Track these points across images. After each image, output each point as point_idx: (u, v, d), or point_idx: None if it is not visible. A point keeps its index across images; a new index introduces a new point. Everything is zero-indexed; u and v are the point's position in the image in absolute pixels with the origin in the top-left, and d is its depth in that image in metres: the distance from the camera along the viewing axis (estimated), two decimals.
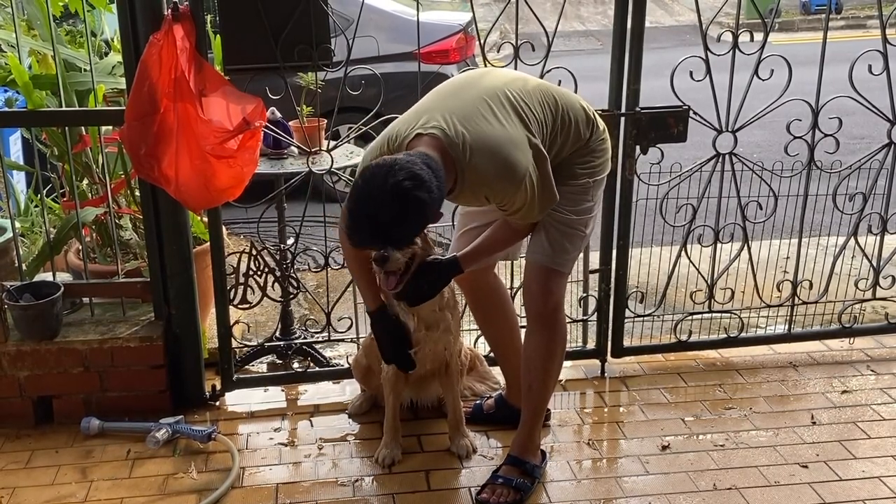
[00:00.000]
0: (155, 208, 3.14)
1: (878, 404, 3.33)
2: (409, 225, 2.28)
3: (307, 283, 4.11)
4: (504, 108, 2.47)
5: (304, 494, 2.86)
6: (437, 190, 2.24)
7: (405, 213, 2.22)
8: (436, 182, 2.23)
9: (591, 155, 2.67)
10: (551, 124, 2.56)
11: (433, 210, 2.28)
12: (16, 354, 3.18)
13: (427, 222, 2.36)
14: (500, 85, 2.54)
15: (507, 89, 2.52)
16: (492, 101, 2.47)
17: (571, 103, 2.64)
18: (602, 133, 2.71)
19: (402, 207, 2.20)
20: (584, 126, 2.64)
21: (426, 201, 2.21)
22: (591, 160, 2.67)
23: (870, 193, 3.60)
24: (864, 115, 3.49)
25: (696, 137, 3.45)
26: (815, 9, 14.62)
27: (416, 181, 2.18)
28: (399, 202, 2.19)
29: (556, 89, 2.68)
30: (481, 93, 2.51)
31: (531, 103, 2.53)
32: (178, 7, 2.85)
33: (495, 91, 2.51)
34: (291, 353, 3.62)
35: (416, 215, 2.24)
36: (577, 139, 2.63)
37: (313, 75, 3.30)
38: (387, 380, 3.01)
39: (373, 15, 5.81)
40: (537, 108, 2.53)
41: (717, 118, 3.36)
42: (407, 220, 2.24)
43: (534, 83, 2.63)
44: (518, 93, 2.52)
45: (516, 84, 2.57)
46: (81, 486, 2.90)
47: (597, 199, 2.75)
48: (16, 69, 3.29)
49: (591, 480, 2.92)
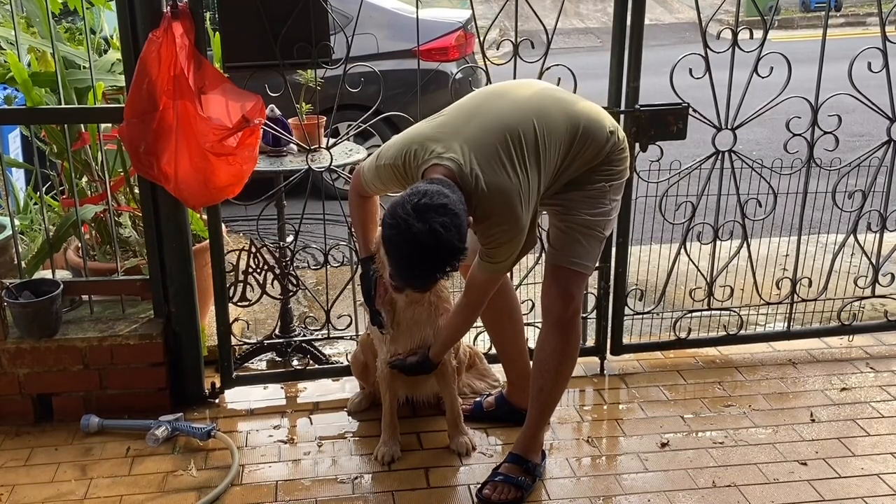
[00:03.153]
0: (154, 206, 3.14)
1: (877, 402, 3.34)
2: (455, 257, 2.32)
3: (306, 280, 4.11)
4: (522, 152, 2.44)
5: (304, 492, 2.86)
6: (465, 219, 2.33)
7: (451, 248, 2.28)
8: (463, 209, 2.32)
9: (610, 164, 2.66)
10: (566, 149, 2.54)
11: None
12: (15, 352, 3.18)
13: (466, 251, 2.35)
14: (524, 115, 2.50)
15: (534, 122, 2.48)
16: (511, 140, 2.44)
17: (592, 121, 2.60)
18: (622, 143, 2.68)
19: (447, 244, 2.26)
20: (604, 143, 2.61)
21: (464, 230, 2.31)
22: (608, 168, 2.66)
23: (869, 191, 3.61)
24: (863, 112, 3.50)
25: (696, 135, 3.46)
26: (815, 6, 14.64)
27: (451, 215, 2.25)
28: (440, 240, 2.25)
29: (577, 108, 2.61)
30: (503, 124, 2.47)
31: (551, 135, 2.50)
32: (178, 4, 2.85)
33: (517, 125, 2.47)
34: (291, 351, 3.63)
35: (458, 246, 2.30)
36: (595, 156, 2.61)
37: (312, 73, 3.30)
38: (382, 377, 3.01)
39: (372, 12, 5.80)
40: (559, 137, 2.51)
41: (717, 115, 3.37)
42: (454, 253, 2.30)
43: (558, 108, 2.57)
44: (539, 125, 2.48)
45: (539, 111, 2.52)
46: (81, 484, 2.90)
47: (614, 202, 2.73)
48: (15, 67, 3.29)
49: (590, 478, 2.92)
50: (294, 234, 3.46)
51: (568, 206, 2.66)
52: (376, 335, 3.02)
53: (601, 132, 2.60)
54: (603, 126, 2.62)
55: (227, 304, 3.33)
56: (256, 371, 3.62)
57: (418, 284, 2.49)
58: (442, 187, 2.31)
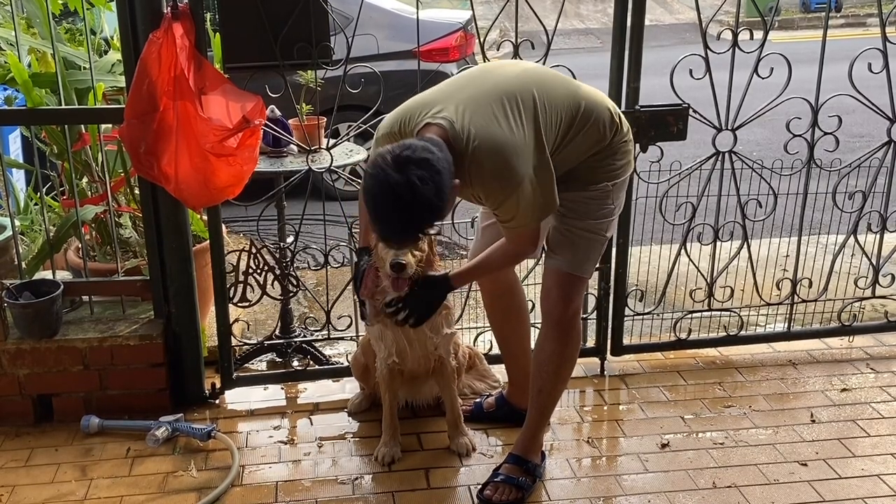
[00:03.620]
0: (154, 206, 3.14)
1: (878, 402, 3.33)
2: (431, 213, 2.28)
3: (307, 281, 4.12)
4: (519, 111, 2.41)
5: (304, 492, 2.86)
6: (448, 179, 2.25)
7: (426, 203, 2.22)
8: (447, 168, 2.25)
9: (613, 157, 2.60)
10: (568, 124, 2.50)
11: (449, 198, 2.30)
12: (15, 353, 3.18)
13: (444, 209, 2.31)
14: (522, 83, 2.47)
15: (533, 90, 2.45)
16: (508, 101, 2.41)
17: (595, 102, 2.57)
18: (626, 134, 2.64)
19: (421, 198, 2.20)
20: (607, 126, 2.57)
21: (444, 188, 2.23)
22: (611, 163, 2.61)
23: (869, 191, 3.61)
24: (863, 113, 3.50)
25: (696, 135, 3.45)
26: (815, 7, 14.64)
27: (431, 170, 2.20)
28: (416, 192, 2.19)
29: (580, 88, 2.60)
30: (501, 89, 2.44)
31: (551, 105, 2.46)
32: (178, 5, 2.85)
33: (515, 90, 2.44)
34: (291, 352, 3.63)
35: (436, 203, 2.24)
36: (598, 140, 2.56)
37: (313, 73, 3.30)
38: (382, 379, 3.01)
39: (372, 13, 5.80)
40: (558, 108, 2.48)
41: (717, 116, 3.37)
42: (430, 209, 2.24)
43: (557, 83, 2.56)
44: (539, 93, 2.45)
45: (539, 82, 2.50)
46: (81, 485, 2.90)
47: (617, 202, 2.69)
48: (15, 67, 3.29)
49: (590, 478, 2.92)
50: (294, 235, 3.46)
51: (570, 207, 2.61)
52: (373, 335, 3.02)
53: (604, 113, 2.56)
54: (605, 108, 2.58)
55: (227, 305, 3.33)
56: (257, 372, 3.62)
57: (394, 238, 2.42)
58: (429, 144, 2.25)
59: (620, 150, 2.62)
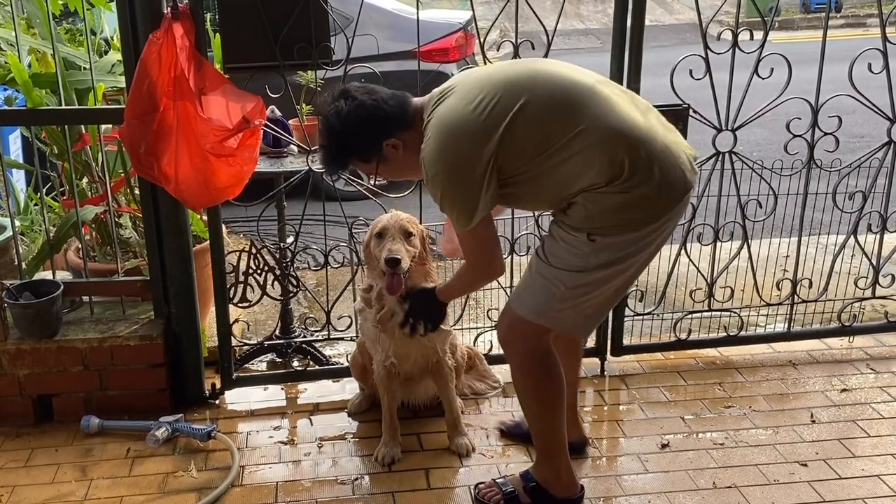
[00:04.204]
0: (154, 207, 3.14)
1: (878, 403, 3.33)
2: (335, 139, 2.39)
3: (307, 281, 4.12)
4: (493, 103, 2.22)
5: (304, 493, 2.86)
6: (370, 122, 2.34)
7: (330, 127, 2.38)
8: (380, 115, 2.33)
9: (606, 210, 2.23)
10: (549, 140, 2.23)
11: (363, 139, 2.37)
12: (15, 353, 3.18)
13: (347, 140, 2.38)
14: (518, 83, 2.28)
15: (525, 95, 2.24)
16: (490, 92, 2.25)
17: (608, 135, 2.19)
18: (642, 189, 2.20)
19: (326, 121, 2.39)
20: (604, 167, 2.19)
21: (354, 122, 2.33)
22: (600, 217, 2.24)
23: (869, 192, 3.61)
24: (863, 113, 3.50)
25: (696, 136, 3.45)
26: (815, 7, 14.64)
27: (354, 104, 2.34)
28: (327, 117, 2.38)
29: (605, 112, 2.23)
30: (495, 80, 2.29)
31: (538, 114, 2.23)
32: (178, 6, 2.85)
33: (504, 85, 2.26)
34: (291, 352, 3.63)
35: (337, 128, 2.36)
36: (585, 175, 2.21)
37: (313, 74, 3.30)
38: (379, 380, 3.02)
39: (372, 13, 5.80)
40: (547, 120, 2.23)
41: (717, 116, 3.37)
42: (334, 133, 2.37)
43: (571, 96, 2.25)
44: (530, 98, 2.23)
45: (541, 88, 2.26)
46: (81, 485, 2.90)
47: (594, 264, 2.30)
48: (15, 67, 3.29)
49: (590, 479, 2.91)
50: (294, 235, 3.46)
51: (546, 237, 2.45)
52: (369, 338, 3.02)
53: (610, 153, 2.18)
54: (622, 149, 2.19)
55: (227, 305, 3.33)
56: (257, 372, 3.62)
57: (322, 165, 2.52)
58: (379, 92, 2.36)
59: (621, 204, 2.23)
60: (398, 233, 2.83)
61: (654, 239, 2.33)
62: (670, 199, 2.27)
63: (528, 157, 2.25)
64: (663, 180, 2.23)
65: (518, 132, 2.23)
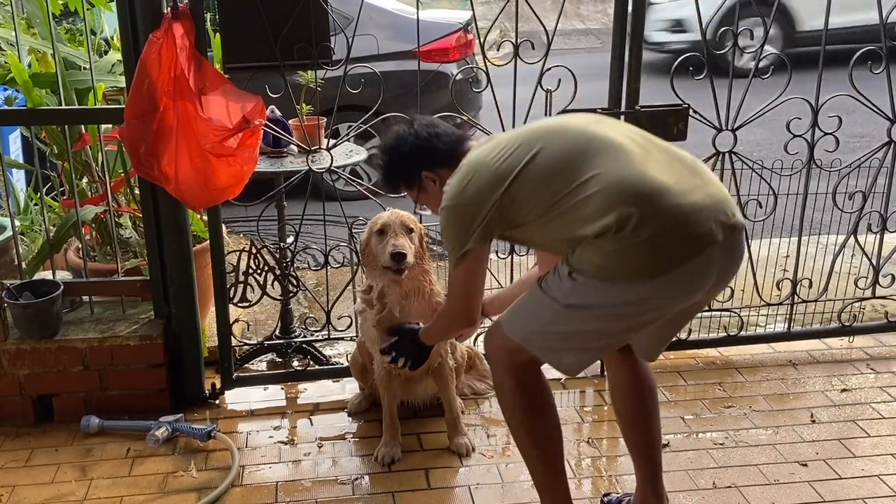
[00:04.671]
0: (154, 207, 3.14)
1: (878, 403, 3.33)
2: (385, 161, 2.59)
3: (307, 281, 4.12)
4: (514, 149, 2.26)
5: (304, 493, 2.86)
6: (416, 153, 2.50)
7: (383, 148, 2.60)
8: (428, 148, 2.49)
9: (589, 249, 2.15)
10: (556, 190, 2.20)
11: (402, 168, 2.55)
12: (15, 353, 3.18)
13: (391, 165, 2.57)
14: (539, 134, 2.29)
15: (540, 144, 2.23)
16: (520, 140, 2.28)
17: (617, 191, 2.12)
18: (635, 244, 2.08)
19: (383, 144, 2.61)
20: (606, 218, 2.10)
21: (405, 152, 2.52)
22: (583, 254, 2.16)
23: (869, 192, 3.61)
24: (863, 113, 3.50)
25: (696, 136, 3.45)
26: None
27: (412, 135, 2.52)
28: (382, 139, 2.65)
29: (619, 166, 2.15)
30: (531, 130, 2.32)
31: (552, 165, 2.21)
32: (178, 5, 2.85)
33: (528, 136, 2.29)
34: (291, 352, 3.63)
35: (386, 155, 2.57)
36: (584, 225, 2.14)
37: (313, 74, 3.30)
38: (380, 380, 3.02)
39: (372, 13, 5.80)
40: (555, 170, 2.21)
41: (717, 116, 3.36)
42: (385, 153, 2.58)
43: (595, 150, 2.20)
44: (544, 147, 2.22)
45: (568, 137, 2.24)
46: (81, 485, 2.90)
47: (566, 302, 2.20)
48: (15, 67, 3.29)
49: (590, 479, 2.92)
50: (294, 235, 3.46)
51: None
52: (370, 338, 3.02)
53: (606, 205, 2.11)
54: (623, 204, 2.09)
55: (227, 305, 3.33)
56: (257, 372, 3.62)
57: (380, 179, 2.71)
58: (439, 128, 2.52)
59: (597, 252, 2.14)
60: (400, 228, 2.84)
61: (652, 299, 2.18)
62: (669, 260, 2.12)
63: (535, 203, 2.23)
64: (662, 240, 2.10)
65: (527, 179, 2.23)
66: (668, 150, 2.29)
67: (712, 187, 2.22)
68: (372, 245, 2.90)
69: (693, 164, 2.27)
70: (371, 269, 2.95)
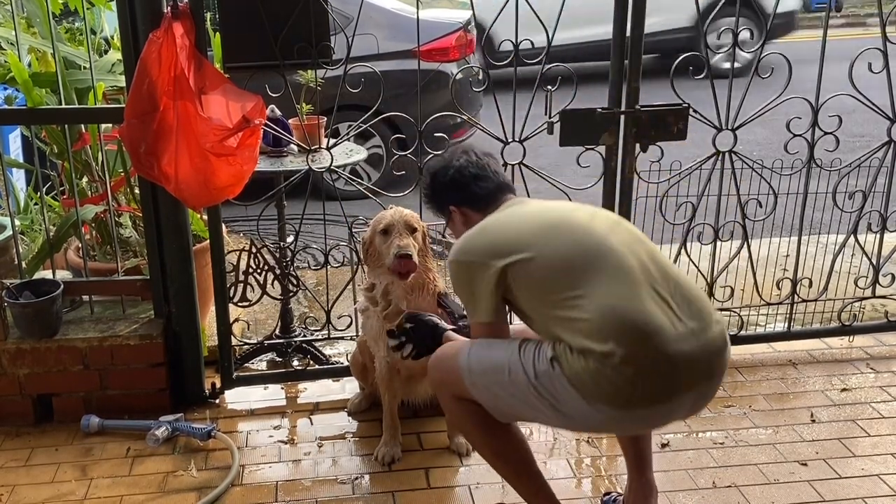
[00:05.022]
0: (155, 206, 3.14)
1: (878, 402, 3.33)
2: (425, 191, 2.69)
3: (307, 281, 4.11)
4: (517, 235, 2.27)
5: (304, 492, 2.86)
6: (437, 181, 2.60)
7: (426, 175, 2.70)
8: (470, 170, 2.54)
9: (572, 357, 2.12)
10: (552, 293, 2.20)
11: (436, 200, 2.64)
12: (15, 353, 3.18)
13: (431, 194, 2.65)
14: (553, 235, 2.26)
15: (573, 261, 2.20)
16: (529, 227, 2.31)
17: (600, 311, 2.11)
18: (605, 368, 2.07)
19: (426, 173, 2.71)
20: (583, 338, 2.10)
21: (443, 185, 2.59)
22: (565, 355, 2.14)
23: (869, 191, 3.61)
24: (864, 112, 3.49)
25: (696, 135, 3.45)
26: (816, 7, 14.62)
27: (452, 168, 2.57)
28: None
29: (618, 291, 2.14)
30: (538, 223, 2.31)
31: (546, 276, 2.22)
32: (178, 5, 2.85)
33: (532, 239, 2.26)
34: (291, 352, 3.63)
35: (426, 186, 2.67)
36: (567, 333, 2.15)
37: (313, 73, 3.30)
38: (381, 379, 3.02)
39: (372, 13, 5.80)
40: (546, 282, 2.22)
41: (717, 116, 3.36)
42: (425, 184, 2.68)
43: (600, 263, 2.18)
44: (544, 260, 2.22)
45: (563, 249, 2.23)
46: (81, 484, 2.90)
47: (542, 384, 2.18)
48: (15, 67, 3.29)
49: (590, 478, 2.92)
50: (294, 235, 3.46)
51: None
52: (371, 336, 3.02)
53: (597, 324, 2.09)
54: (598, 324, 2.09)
55: (227, 305, 3.33)
56: (257, 371, 3.62)
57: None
58: (489, 169, 2.55)
59: (579, 360, 2.12)
60: (404, 228, 2.84)
61: (619, 421, 2.19)
62: (648, 400, 2.12)
63: (530, 295, 2.25)
64: (644, 381, 2.09)
65: (519, 278, 2.24)
66: (667, 271, 2.25)
67: (705, 333, 2.17)
68: (376, 244, 2.90)
69: (688, 293, 2.23)
70: (373, 267, 2.95)
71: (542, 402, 2.21)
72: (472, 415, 2.37)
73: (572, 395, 2.14)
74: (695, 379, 2.15)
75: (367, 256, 2.97)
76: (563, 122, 3.22)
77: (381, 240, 2.87)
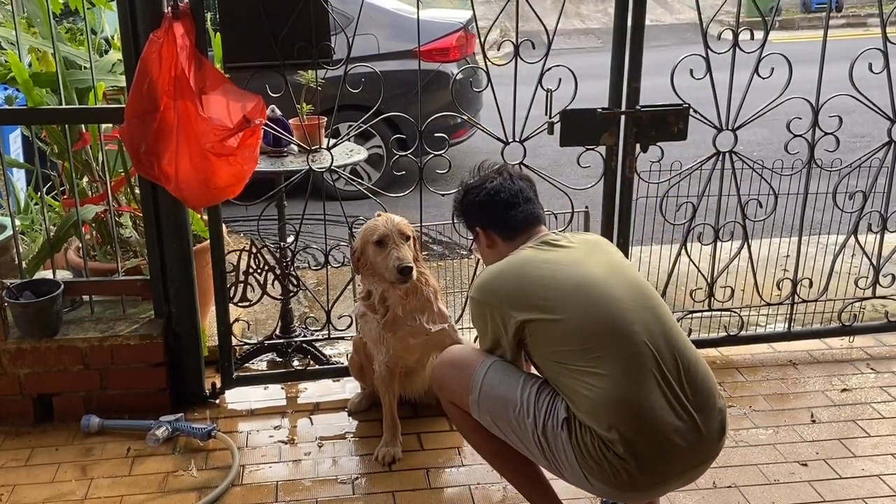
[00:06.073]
0: (155, 206, 3.14)
1: (878, 402, 3.33)
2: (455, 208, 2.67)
3: (307, 281, 4.12)
4: (545, 291, 2.26)
5: (304, 492, 2.86)
6: (468, 199, 2.56)
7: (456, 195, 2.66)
8: (504, 196, 2.49)
9: (581, 430, 2.18)
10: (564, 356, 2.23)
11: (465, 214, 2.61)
12: (16, 352, 3.18)
13: (460, 212, 2.63)
14: (578, 303, 2.24)
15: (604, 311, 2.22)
16: (554, 282, 2.27)
17: (608, 396, 2.14)
18: (607, 451, 2.13)
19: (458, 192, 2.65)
20: (588, 412, 2.15)
21: (472, 206, 2.56)
22: (576, 424, 2.19)
23: (870, 192, 3.61)
24: (864, 113, 3.50)
25: (697, 135, 3.45)
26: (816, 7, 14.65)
27: (480, 189, 2.53)
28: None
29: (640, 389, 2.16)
30: (564, 284, 2.26)
31: (565, 341, 2.22)
32: (179, 5, 2.85)
33: (559, 302, 2.24)
34: (291, 351, 3.63)
35: (456, 204, 2.64)
36: (567, 390, 2.21)
37: (313, 73, 3.30)
38: (380, 379, 3.02)
39: (373, 13, 5.81)
40: (566, 347, 2.22)
41: (718, 116, 3.36)
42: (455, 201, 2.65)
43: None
44: (567, 326, 2.22)
45: (586, 319, 2.22)
46: (81, 484, 2.90)
47: (545, 437, 2.23)
48: (16, 67, 3.29)
49: None
50: (295, 235, 3.46)
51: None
52: (370, 339, 3.02)
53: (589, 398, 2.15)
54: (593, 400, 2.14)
55: (227, 305, 3.33)
56: (257, 371, 3.62)
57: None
58: (522, 196, 2.48)
59: (587, 432, 2.18)
60: (399, 238, 2.83)
61: (614, 493, 2.24)
62: (644, 485, 2.19)
63: (544, 351, 2.27)
64: (642, 472, 2.14)
65: (536, 335, 2.27)
66: (677, 353, 2.28)
67: (707, 426, 2.22)
68: (368, 255, 2.87)
69: (695, 378, 2.29)
70: (368, 276, 2.94)
71: (540, 452, 2.27)
72: (472, 416, 2.41)
73: (572, 462, 2.21)
74: (690, 466, 2.25)
75: (359, 266, 2.95)
76: (564, 123, 3.22)
77: (376, 251, 2.85)
